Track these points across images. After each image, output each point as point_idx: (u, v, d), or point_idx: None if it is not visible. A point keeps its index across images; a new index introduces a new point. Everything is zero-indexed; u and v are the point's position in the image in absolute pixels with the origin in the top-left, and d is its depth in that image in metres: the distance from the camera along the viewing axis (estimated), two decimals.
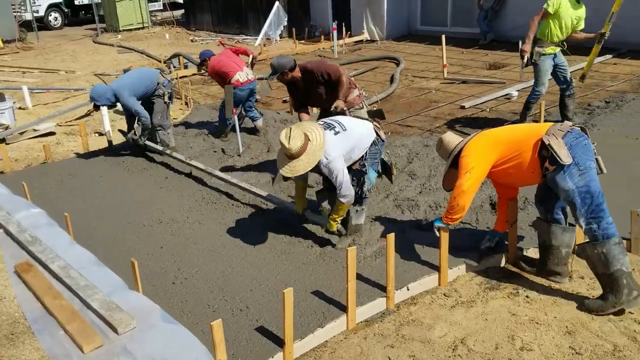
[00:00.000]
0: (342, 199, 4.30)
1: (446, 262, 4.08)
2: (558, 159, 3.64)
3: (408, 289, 4.00)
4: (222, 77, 7.29)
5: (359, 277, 4.00)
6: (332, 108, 5.18)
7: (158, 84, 6.93)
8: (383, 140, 4.66)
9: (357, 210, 4.63)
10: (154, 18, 23.32)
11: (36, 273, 3.52)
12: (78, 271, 3.41)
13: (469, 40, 13.65)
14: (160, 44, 17.86)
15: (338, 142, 4.24)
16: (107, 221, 5.38)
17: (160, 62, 12.94)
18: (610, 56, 11.15)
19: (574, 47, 7.25)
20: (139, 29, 21.56)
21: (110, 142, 7.61)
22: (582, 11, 6.76)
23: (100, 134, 8.42)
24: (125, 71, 10.14)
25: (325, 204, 5.03)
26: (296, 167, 4.09)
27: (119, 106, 7.10)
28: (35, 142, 8.30)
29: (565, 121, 3.90)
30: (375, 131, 4.59)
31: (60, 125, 9.06)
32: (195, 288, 4.15)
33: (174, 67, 12.95)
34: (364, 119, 4.92)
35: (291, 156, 4.08)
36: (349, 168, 4.41)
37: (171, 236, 5.01)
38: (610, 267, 3.59)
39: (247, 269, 4.36)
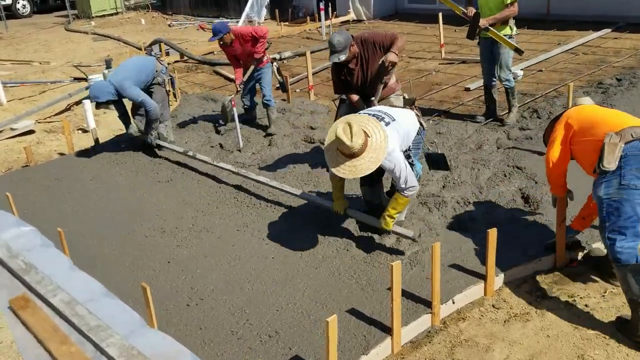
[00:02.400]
0: (406, 193, 3.85)
1: (493, 269, 3.68)
2: (601, 162, 3.25)
3: (454, 302, 3.60)
4: (254, 44, 6.68)
5: None
6: (383, 61, 4.73)
7: (156, 71, 6.42)
8: (424, 129, 4.31)
9: None
10: (127, 3, 22.36)
11: (35, 310, 3.00)
12: (85, 306, 2.90)
13: (459, 17, 13.15)
14: (136, 30, 17.07)
15: (392, 133, 3.81)
16: (103, 233, 4.86)
17: (140, 49, 12.24)
18: (609, 30, 10.82)
19: None
20: (112, 14, 20.63)
21: (97, 139, 7.04)
22: None
23: (85, 131, 7.82)
24: (107, 61, 9.49)
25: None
26: (359, 167, 3.63)
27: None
28: (14, 142, 7.67)
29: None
30: (418, 120, 4.25)
31: (39, 122, 8.42)
32: (214, 310, 3.69)
33: (155, 54, 12.26)
34: (401, 107, 4.51)
35: (351, 155, 3.61)
36: None
37: (177, 248, 4.52)
38: (627, 294, 3.22)
39: (270, 285, 3.91)
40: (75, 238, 4.67)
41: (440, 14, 10.31)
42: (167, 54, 12.25)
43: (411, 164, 4.08)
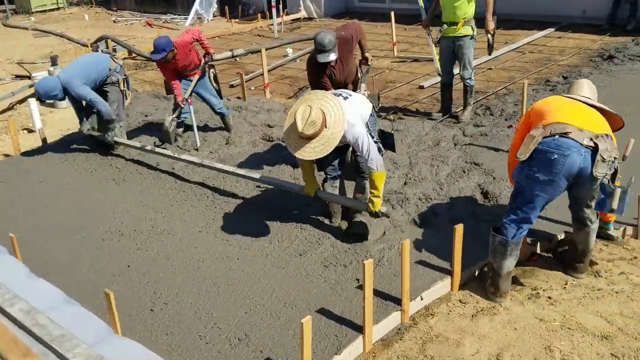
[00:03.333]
0: (373, 166, 3.87)
1: (459, 265, 3.72)
2: (518, 151, 3.51)
3: (422, 299, 3.62)
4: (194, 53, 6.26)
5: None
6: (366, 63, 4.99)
7: (110, 70, 6.17)
8: (376, 110, 4.43)
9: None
10: None
11: None
12: (47, 315, 2.76)
13: (410, 16, 13.32)
14: (80, 26, 16.49)
15: (352, 108, 3.87)
16: (57, 238, 4.65)
17: (85, 46, 11.83)
18: (553, 29, 11.19)
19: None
20: (53, 10, 19.85)
21: (44, 139, 6.74)
22: None
23: (30, 131, 7.49)
24: (52, 58, 9.10)
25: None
26: (323, 145, 3.65)
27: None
28: None
29: (564, 124, 3.48)
30: (370, 100, 4.36)
31: None
32: (180, 315, 3.58)
33: (101, 51, 11.86)
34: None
35: (310, 137, 3.63)
36: None
37: (137, 251, 4.37)
38: (489, 257, 3.67)
39: (237, 286, 3.83)
40: (28, 244, 4.46)
41: (392, 13, 10.39)
42: (114, 50, 11.87)
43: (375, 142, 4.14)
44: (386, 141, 4.57)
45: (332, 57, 4.74)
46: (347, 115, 3.73)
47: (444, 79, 6.77)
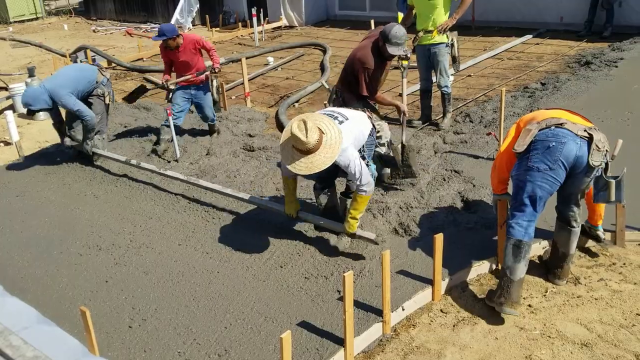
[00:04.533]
0: (363, 190, 3.90)
1: (440, 274, 3.72)
2: (515, 144, 3.60)
3: (403, 309, 3.61)
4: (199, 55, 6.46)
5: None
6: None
7: (97, 82, 6.12)
8: (376, 130, 4.40)
9: None
10: (48, 8, 21.37)
11: None
12: (19, 335, 2.70)
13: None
14: (59, 36, 16.33)
15: (346, 132, 3.87)
16: (34, 253, 4.56)
17: (64, 56, 11.71)
18: (531, 36, 11.32)
19: None
20: (32, 20, 19.63)
21: (21, 152, 6.64)
22: None
23: (7, 143, 7.37)
24: (30, 70, 8.99)
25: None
26: (314, 163, 3.66)
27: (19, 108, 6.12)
28: None
29: (558, 118, 3.63)
30: (370, 121, 4.33)
31: None
32: (158, 331, 3.53)
33: (81, 62, 11.75)
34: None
35: (307, 151, 3.63)
36: None
37: (116, 266, 4.30)
38: (503, 262, 3.60)
39: (216, 300, 3.79)
40: (3, 260, 4.38)
41: (372, 21, 10.43)
42: (94, 60, 11.76)
43: (367, 164, 4.15)
44: (387, 161, 4.65)
45: (403, 51, 4.86)
46: (342, 138, 3.76)
47: (422, 86, 6.81)
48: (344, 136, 3.77)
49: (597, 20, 10.86)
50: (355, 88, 5.03)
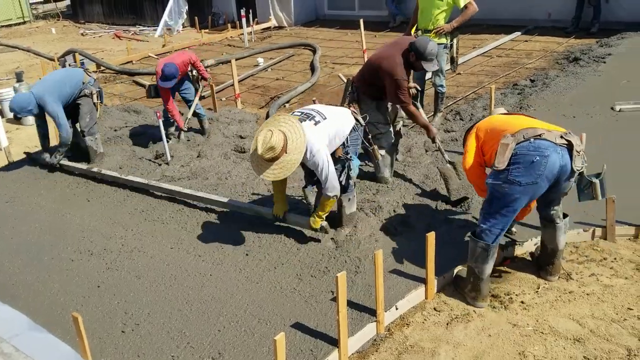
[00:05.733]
0: (328, 193, 4.04)
1: (433, 272, 3.73)
2: (495, 161, 3.51)
3: (397, 308, 3.62)
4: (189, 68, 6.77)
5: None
6: None
7: (84, 83, 6.12)
8: (362, 125, 4.40)
9: (349, 199, 4.41)
10: (35, 12, 21.23)
11: None
12: (11, 343, 2.70)
13: (378, 23, 13.42)
14: (47, 40, 16.23)
15: (320, 132, 3.96)
16: (25, 259, 4.53)
17: (53, 60, 11.65)
18: (520, 33, 11.38)
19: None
20: (19, 24, 19.51)
21: (9, 157, 6.59)
22: None
23: None
24: (17, 74, 8.93)
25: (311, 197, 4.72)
26: (281, 170, 3.81)
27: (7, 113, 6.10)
28: None
29: (533, 128, 3.55)
30: (354, 116, 4.34)
31: None
32: (152, 335, 3.51)
33: (69, 65, 11.69)
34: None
35: (272, 159, 3.77)
36: (332, 157, 4.10)
37: (107, 271, 4.28)
38: (468, 261, 3.69)
39: (209, 303, 3.77)
40: None
41: (361, 20, 10.44)
42: (82, 64, 11.70)
43: (349, 159, 4.21)
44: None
45: (436, 67, 4.93)
46: (310, 142, 3.85)
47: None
48: (316, 137, 3.89)
49: (585, 17, 10.93)
50: (375, 92, 5.04)
